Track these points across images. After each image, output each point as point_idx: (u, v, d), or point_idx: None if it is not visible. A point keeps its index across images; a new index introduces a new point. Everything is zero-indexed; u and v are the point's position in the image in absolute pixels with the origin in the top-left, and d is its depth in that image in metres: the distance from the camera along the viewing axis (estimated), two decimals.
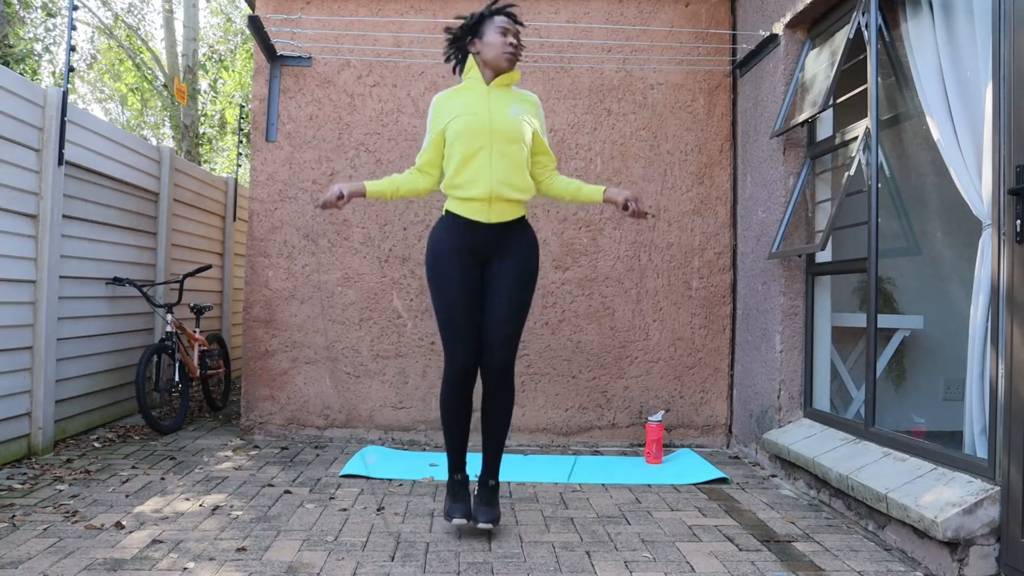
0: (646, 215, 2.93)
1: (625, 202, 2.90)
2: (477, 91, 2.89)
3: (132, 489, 3.45)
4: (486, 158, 2.79)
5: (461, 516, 2.82)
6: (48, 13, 12.36)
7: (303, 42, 4.66)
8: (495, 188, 2.78)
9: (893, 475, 2.88)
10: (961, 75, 2.93)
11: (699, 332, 4.68)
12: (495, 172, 2.78)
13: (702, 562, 2.66)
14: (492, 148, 2.79)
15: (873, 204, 3.26)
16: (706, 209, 4.70)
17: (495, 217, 2.83)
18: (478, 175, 2.79)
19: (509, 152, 2.81)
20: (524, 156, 2.86)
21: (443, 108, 2.90)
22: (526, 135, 2.86)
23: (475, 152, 2.79)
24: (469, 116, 2.81)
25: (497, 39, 2.84)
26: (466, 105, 2.85)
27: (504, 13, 2.88)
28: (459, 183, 2.82)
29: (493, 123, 2.81)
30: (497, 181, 2.79)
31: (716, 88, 4.72)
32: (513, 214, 2.87)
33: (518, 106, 2.89)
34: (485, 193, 2.78)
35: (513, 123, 2.83)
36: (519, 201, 2.87)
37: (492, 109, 2.84)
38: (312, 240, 4.65)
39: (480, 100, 2.86)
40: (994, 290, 2.56)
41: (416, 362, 4.62)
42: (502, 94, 2.89)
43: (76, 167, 4.46)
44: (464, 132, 2.79)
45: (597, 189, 2.98)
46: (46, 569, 2.48)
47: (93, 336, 4.71)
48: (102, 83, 17.70)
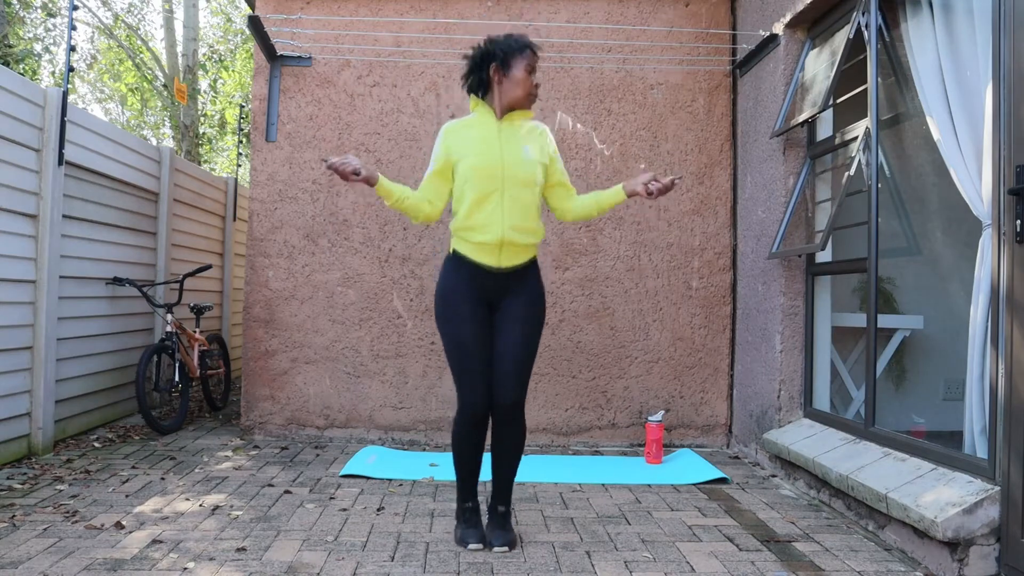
0: (672, 185, 2.83)
1: (646, 189, 2.83)
2: (488, 127, 2.80)
3: (132, 489, 3.45)
4: (498, 202, 2.72)
5: (477, 541, 2.78)
6: (48, 13, 12.36)
7: (303, 42, 4.66)
8: (507, 234, 2.73)
9: (893, 475, 2.88)
10: (961, 75, 2.93)
11: (699, 332, 4.68)
12: (507, 217, 2.73)
13: (702, 562, 2.66)
14: (504, 192, 2.73)
15: (873, 204, 3.26)
16: (706, 209, 4.70)
17: (505, 262, 2.77)
18: (490, 220, 2.72)
19: (521, 196, 2.75)
20: (536, 200, 2.80)
21: (453, 143, 2.80)
22: (538, 177, 2.80)
23: (487, 196, 2.72)
24: (481, 156, 2.73)
25: (522, 77, 2.75)
26: (478, 144, 2.76)
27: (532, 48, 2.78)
28: (470, 226, 2.75)
29: (505, 166, 2.73)
30: (509, 227, 2.73)
31: (716, 88, 4.72)
32: (523, 258, 2.81)
33: (529, 144, 2.80)
34: (496, 239, 2.72)
35: (526, 166, 2.76)
36: (530, 245, 2.81)
37: (504, 150, 2.75)
38: (312, 240, 4.65)
39: (492, 139, 2.77)
40: (994, 290, 2.56)
41: (416, 362, 4.62)
42: (514, 130, 2.80)
43: (76, 167, 4.46)
44: (476, 175, 2.72)
45: (616, 191, 2.90)
46: (46, 569, 2.48)
47: (93, 336, 4.71)
48: (102, 83, 17.69)
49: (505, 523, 2.85)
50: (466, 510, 2.87)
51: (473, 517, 2.86)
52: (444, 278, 2.84)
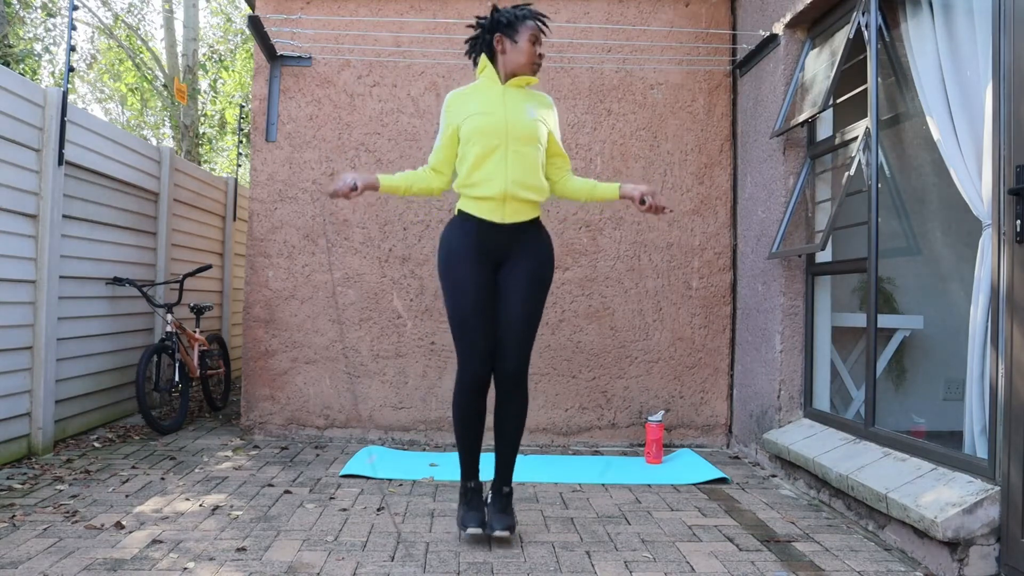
0: (664, 210, 2.87)
1: (642, 197, 2.85)
2: (492, 90, 2.84)
3: (132, 489, 3.45)
4: (501, 157, 2.74)
5: (476, 525, 2.75)
6: (48, 13, 12.37)
7: (303, 42, 4.66)
8: (509, 188, 2.73)
9: (893, 475, 2.88)
10: (961, 75, 2.93)
11: (699, 332, 4.68)
12: (510, 172, 2.74)
13: (702, 562, 2.66)
14: (508, 148, 2.75)
15: (873, 204, 3.26)
16: (706, 209, 4.70)
17: (509, 217, 2.77)
18: (493, 174, 2.74)
19: (524, 152, 2.76)
20: (539, 157, 2.81)
21: (457, 106, 2.84)
22: (542, 136, 2.81)
23: (490, 151, 2.74)
24: (485, 115, 2.76)
25: (528, 47, 2.79)
26: (481, 104, 2.80)
27: (537, 18, 2.83)
28: (473, 182, 2.76)
29: (509, 123, 2.76)
30: (512, 181, 2.74)
31: (716, 88, 4.72)
32: (527, 215, 2.81)
33: (533, 106, 2.84)
34: (499, 192, 2.73)
35: (529, 123, 2.78)
36: (533, 202, 2.81)
37: (508, 109, 2.79)
38: (312, 240, 4.65)
39: (496, 99, 2.81)
40: (994, 290, 2.56)
41: (416, 362, 4.62)
42: (517, 93, 2.84)
43: (76, 167, 4.46)
44: (479, 131, 2.75)
45: (612, 186, 2.93)
46: (46, 569, 2.48)
47: (93, 336, 4.71)
48: (102, 83, 17.70)
49: (507, 506, 2.81)
50: (468, 490, 2.86)
51: (475, 499, 2.84)
52: (447, 237, 2.83)
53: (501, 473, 2.86)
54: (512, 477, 2.88)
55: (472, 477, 2.87)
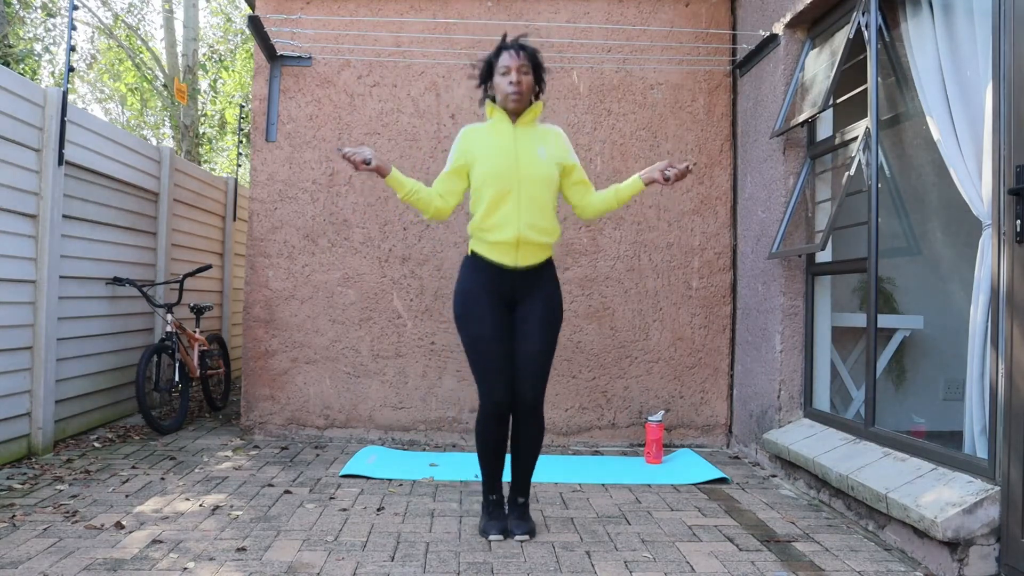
0: (687, 171, 2.88)
1: (663, 176, 2.88)
2: (504, 132, 2.87)
3: (132, 489, 3.45)
4: (514, 202, 2.80)
5: (498, 532, 2.88)
6: (48, 13, 12.37)
7: (303, 42, 4.66)
8: (523, 232, 2.79)
9: (893, 475, 2.88)
10: (961, 75, 2.93)
11: (699, 332, 4.68)
12: (523, 216, 2.80)
13: (702, 562, 2.66)
14: (520, 192, 2.80)
15: (873, 204, 3.26)
16: (706, 209, 4.70)
17: (522, 261, 2.84)
18: (507, 219, 2.79)
19: (536, 196, 2.82)
20: (552, 200, 2.87)
21: (471, 144, 2.89)
22: (554, 176, 2.86)
23: (503, 196, 2.79)
24: (497, 159, 2.81)
25: (499, 81, 2.83)
26: (494, 147, 2.84)
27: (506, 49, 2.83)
28: (487, 227, 2.82)
29: (521, 167, 2.81)
30: (525, 225, 2.80)
31: (716, 88, 4.72)
32: (539, 257, 2.88)
33: (545, 146, 2.87)
34: (513, 237, 2.79)
35: (541, 167, 2.83)
36: (546, 244, 2.88)
37: (519, 152, 2.83)
38: (312, 240, 4.65)
39: (507, 143, 2.85)
40: (994, 290, 2.56)
41: (416, 362, 4.62)
42: (528, 133, 2.88)
43: (76, 167, 4.46)
44: (492, 176, 2.80)
45: (633, 181, 2.94)
46: (46, 569, 2.48)
47: (93, 336, 4.71)
48: (102, 83, 17.69)
49: (524, 513, 2.97)
50: (490, 502, 2.99)
51: (496, 510, 2.97)
52: (462, 279, 2.91)
53: (518, 488, 2.99)
54: (528, 490, 3.01)
55: (494, 491, 2.99)
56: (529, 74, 2.83)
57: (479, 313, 2.83)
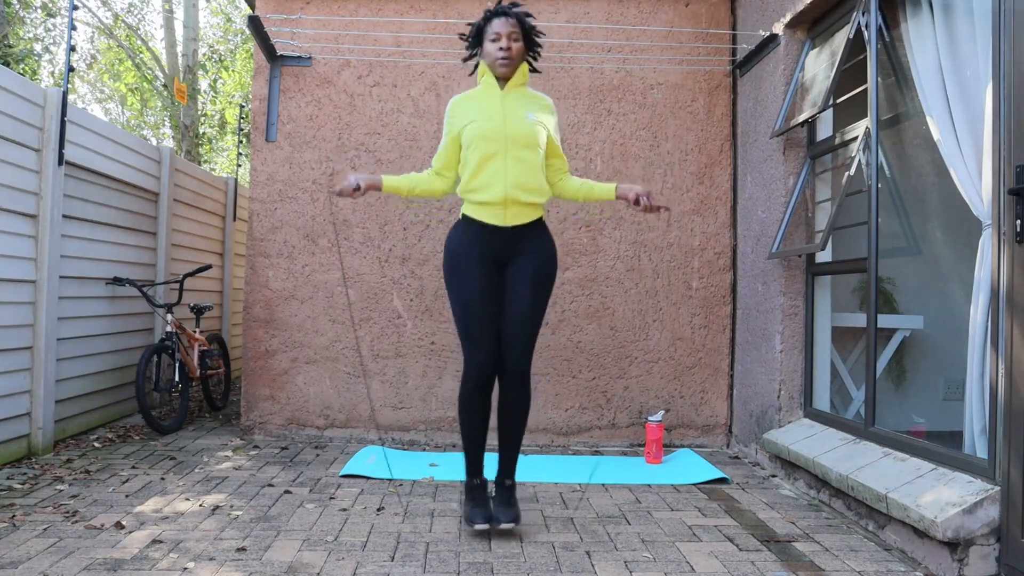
0: (659, 209, 2.90)
1: (636, 198, 2.89)
2: (492, 96, 2.88)
3: (132, 489, 3.45)
4: (501, 162, 2.79)
5: (483, 521, 2.82)
6: (48, 13, 12.37)
7: (303, 42, 4.66)
8: (510, 192, 2.79)
9: (893, 475, 2.88)
10: (961, 75, 2.93)
11: (699, 332, 4.68)
12: (510, 176, 2.79)
13: (702, 562, 2.66)
14: (507, 153, 2.80)
15: (873, 204, 3.26)
16: (706, 209, 4.70)
17: (511, 220, 2.83)
18: (493, 179, 2.79)
19: (524, 156, 2.81)
20: (539, 160, 2.86)
21: (459, 111, 2.90)
22: (541, 140, 2.86)
23: (490, 156, 2.80)
24: (484, 121, 2.81)
25: (489, 47, 2.85)
26: (482, 110, 2.85)
27: (497, 15, 2.84)
28: (474, 187, 2.82)
29: (508, 128, 2.81)
30: (512, 185, 2.79)
31: (716, 88, 4.72)
32: (529, 217, 2.86)
33: (533, 109, 2.88)
34: (500, 197, 2.79)
35: (528, 128, 2.83)
36: (535, 204, 2.86)
37: (507, 114, 2.84)
38: (312, 240, 4.65)
39: (495, 105, 2.86)
40: (994, 290, 2.56)
41: (416, 362, 4.62)
42: (517, 97, 2.89)
43: (76, 167, 4.46)
44: (479, 137, 2.80)
45: (609, 186, 2.97)
46: (46, 569, 2.48)
47: (93, 336, 4.71)
48: (102, 83, 17.70)
49: (511, 497, 2.90)
50: (474, 487, 2.93)
51: (480, 495, 2.91)
52: (451, 239, 2.89)
53: (504, 466, 2.93)
54: (515, 471, 2.95)
55: (477, 474, 2.94)
56: (519, 40, 2.84)
57: (467, 275, 2.81)
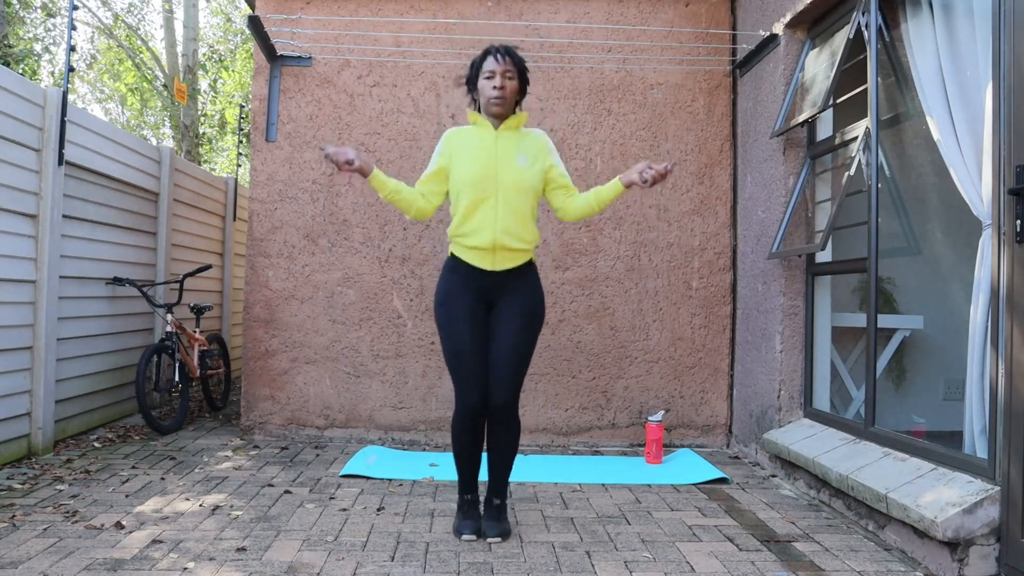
0: (668, 171, 2.82)
1: (642, 177, 2.83)
2: (486, 137, 2.86)
3: (132, 489, 3.45)
4: (491, 209, 2.80)
5: (471, 532, 2.88)
6: (48, 13, 12.37)
7: (303, 42, 4.66)
8: (499, 238, 2.80)
9: (893, 475, 2.88)
10: (961, 75, 2.92)
11: (699, 332, 4.67)
12: (499, 223, 2.79)
13: (702, 562, 2.66)
14: (498, 199, 2.80)
15: (873, 204, 3.26)
16: (706, 209, 4.69)
17: (499, 265, 2.84)
18: (483, 225, 2.80)
19: (515, 203, 2.81)
20: (530, 207, 2.86)
21: (452, 148, 2.88)
22: (533, 184, 2.85)
23: (481, 202, 2.80)
24: (476, 166, 2.80)
25: (483, 85, 2.83)
26: (474, 153, 2.83)
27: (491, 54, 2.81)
28: (464, 232, 2.83)
29: (500, 175, 2.80)
30: (501, 231, 2.79)
31: (716, 88, 4.72)
32: (517, 261, 2.87)
33: (525, 153, 2.86)
34: (489, 243, 2.80)
35: (520, 174, 2.82)
36: (523, 250, 2.87)
37: (500, 159, 2.82)
38: (312, 240, 4.65)
39: (488, 149, 2.84)
40: (994, 290, 2.56)
41: (416, 362, 4.62)
42: (510, 139, 2.86)
43: (76, 167, 4.46)
44: (471, 182, 2.80)
45: (613, 184, 2.92)
46: (46, 569, 2.48)
47: (93, 336, 4.71)
48: (102, 83, 17.69)
49: (500, 515, 2.95)
50: (465, 502, 2.99)
51: (471, 510, 2.98)
52: (442, 281, 2.93)
53: (494, 490, 2.98)
54: (505, 493, 3.00)
55: (469, 492, 2.99)
56: (514, 80, 2.83)
57: (456, 317, 2.84)
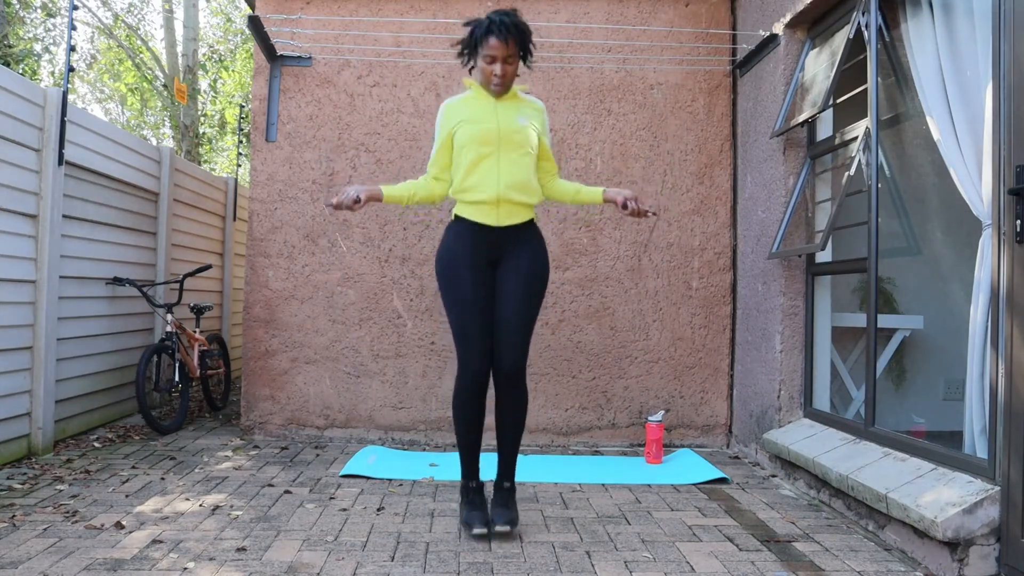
0: (647, 214, 2.92)
1: (624, 202, 2.92)
2: (485, 101, 2.89)
3: (132, 489, 3.45)
4: (494, 163, 2.81)
5: (481, 525, 2.80)
6: (48, 13, 12.37)
7: (303, 42, 4.66)
8: (502, 191, 2.81)
9: (893, 475, 2.88)
10: (961, 75, 2.93)
11: (699, 332, 4.68)
12: (503, 176, 2.81)
13: (702, 562, 2.66)
14: (500, 154, 2.82)
15: (873, 204, 3.26)
16: (706, 209, 4.70)
17: (503, 220, 2.84)
18: (486, 179, 2.81)
19: (516, 158, 2.83)
20: (531, 162, 2.88)
21: (451, 114, 2.90)
22: (533, 142, 2.88)
23: (483, 157, 2.81)
24: (477, 123, 2.83)
25: (483, 66, 2.83)
26: (474, 112, 2.86)
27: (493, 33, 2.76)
28: (467, 187, 2.84)
29: (501, 130, 2.83)
30: (504, 185, 2.81)
31: (716, 88, 4.72)
32: (521, 217, 2.88)
33: (524, 114, 2.90)
34: (493, 196, 2.80)
35: (521, 130, 2.85)
36: (527, 204, 2.88)
37: (500, 117, 2.85)
38: (312, 240, 4.65)
39: (488, 109, 2.87)
40: (994, 290, 2.56)
41: (416, 362, 4.62)
42: (508, 103, 2.90)
43: (76, 167, 4.46)
44: (472, 139, 2.81)
45: (596, 190, 3.01)
46: (46, 569, 2.48)
47: (93, 336, 4.71)
48: (102, 83, 17.69)
49: (509, 500, 2.89)
50: (470, 490, 2.92)
51: (477, 498, 2.90)
52: (445, 241, 2.91)
53: (503, 469, 2.92)
54: (514, 473, 2.94)
55: (473, 476, 2.93)
56: (515, 62, 2.83)
57: (460, 276, 2.81)
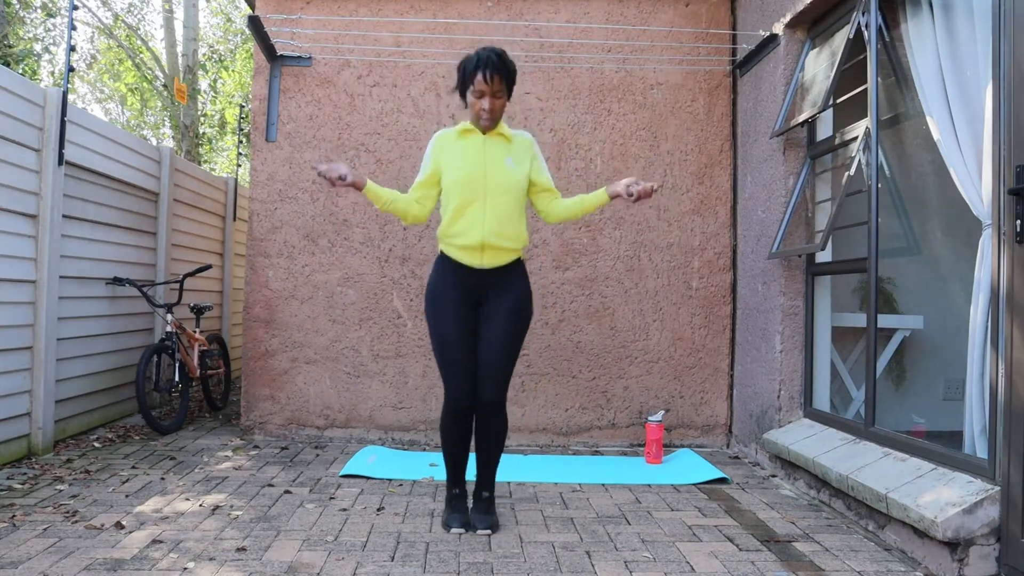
0: (651, 192, 2.92)
1: (627, 191, 2.93)
2: (474, 140, 2.94)
3: (132, 489, 3.45)
4: (480, 210, 2.87)
5: (459, 525, 2.95)
6: (48, 13, 12.38)
7: (303, 42, 4.66)
8: (487, 238, 2.87)
9: (893, 475, 2.88)
10: (961, 75, 2.93)
11: (699, 332, 4.67)
12: (487, 223, 2.87)
13: (702, 562, 2.66)
14: (486, 201, 2.87)
15: (873, 204, 3.26)
16: (706, 209, 4.69)
17: (487, 263, 2.91)
18: (471, 226, 2.87)
19: (502, 204, 2.89)
20: (517, 206, 2.93)
21: (442, 151, 2.96)
22: (521, 185, 2.93)
23: (469, 204, 2.87)
24: (464, 169, 2.88)
25: (473, 102, 2.88)
26: (462, 156, 2.91)
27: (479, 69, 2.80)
28: (453, 232, 2.91)
29: (488, 177, 2.88)
30: (489, 231, 2.87)
31: (716, 88, 4.72)
32: (505, 259, 2.94)
33: (513, 156, 2.94)
34: (477, 242, 2.87)
35: (507, 176, 2.90)
36: (512, 249, 2.94)
37: (488, 162, 2.90)
38: (312, 240, 4.65)
39: (477, 152, 2.91)
40: (994, 290, 2.56)
41: (416, 362, 4.62)
42: (498, 142, 2.95)
43: (76, 167, 4.46)
44: (459, 185, 2.88)
45: (598, 193, 3.03)
46: (46, 569, 2.48)
47: (93, 336, 4.71)
48: (102, 83, 17.69)
49: (488, 507, 3.04)
50: (454, 496, 3.06)
51: (459, 503, 3.04)
52: (432, 277, 3.01)
53: (482, 482, 3.06)
54: (493, 484, 3.08)
55: (457, 486, 3.07)
56: (502, 97, 2.89)
57: (445, 311, 2.91)
